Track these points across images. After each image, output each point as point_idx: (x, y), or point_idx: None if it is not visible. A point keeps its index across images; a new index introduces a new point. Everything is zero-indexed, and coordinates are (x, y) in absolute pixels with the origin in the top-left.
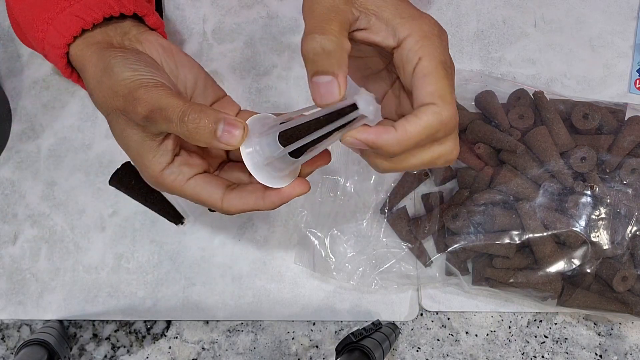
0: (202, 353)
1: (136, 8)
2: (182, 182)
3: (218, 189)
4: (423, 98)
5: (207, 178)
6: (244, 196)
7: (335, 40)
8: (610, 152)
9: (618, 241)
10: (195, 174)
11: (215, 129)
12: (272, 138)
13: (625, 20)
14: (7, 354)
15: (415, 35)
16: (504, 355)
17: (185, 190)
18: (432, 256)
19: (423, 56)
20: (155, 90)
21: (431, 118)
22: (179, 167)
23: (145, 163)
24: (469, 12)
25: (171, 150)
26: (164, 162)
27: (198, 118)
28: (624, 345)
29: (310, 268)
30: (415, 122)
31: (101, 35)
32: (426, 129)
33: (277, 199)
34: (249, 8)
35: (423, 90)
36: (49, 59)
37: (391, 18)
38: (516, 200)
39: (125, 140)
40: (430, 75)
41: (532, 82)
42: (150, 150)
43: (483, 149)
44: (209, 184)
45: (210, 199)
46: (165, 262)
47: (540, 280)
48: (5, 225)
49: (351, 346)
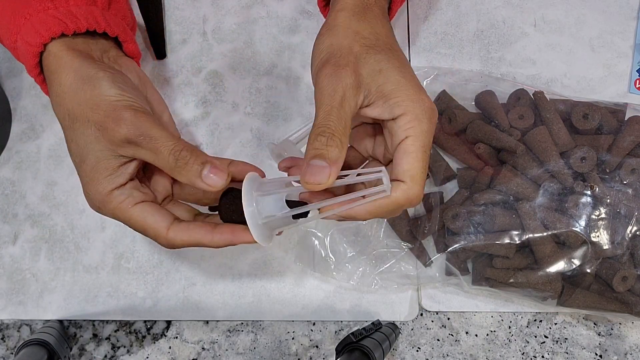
0: (202, 353)
1: (120, 32)
2: (130, 205)
3: (165, 218)
4: (397, 174)
5: (155, 207)
6: (192, 229)
7: (339, 143)
8: (610, 152)
9: (618, 241)
10: (143, 200)
11: (201, 170)
12: (278, 197)
13: (625, 20)
14: (7, 354)
15: (408, 115)
16: (504, 355)
17: (131, 213)
18: (432, 256)
19: (409, 136)
20: (144, 117)
21: (400, 195)
22: (130, 189)
23: (99, 179)
24: (469, 12)
25: (129, 174)
26: (118, 183)
27: (188, 156)
28: (624, 345)
29: (310, 268)
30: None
31: (83, 45)
32: (394, 203)
33: (229, 238)
34: (249, 8)
35: (399, 167)
36: (17, 53)
37: (391, 96)
38: (516, 200)
39: (85, 152)
40: (409, 156)
41: (532, 82)
42: (109, 168)
43: (483, 149)
44: (157, 212)
45: (156, 226)
46: (165, 262)
47: (540, 280)
48: (6, 225)
49: (351, 346)
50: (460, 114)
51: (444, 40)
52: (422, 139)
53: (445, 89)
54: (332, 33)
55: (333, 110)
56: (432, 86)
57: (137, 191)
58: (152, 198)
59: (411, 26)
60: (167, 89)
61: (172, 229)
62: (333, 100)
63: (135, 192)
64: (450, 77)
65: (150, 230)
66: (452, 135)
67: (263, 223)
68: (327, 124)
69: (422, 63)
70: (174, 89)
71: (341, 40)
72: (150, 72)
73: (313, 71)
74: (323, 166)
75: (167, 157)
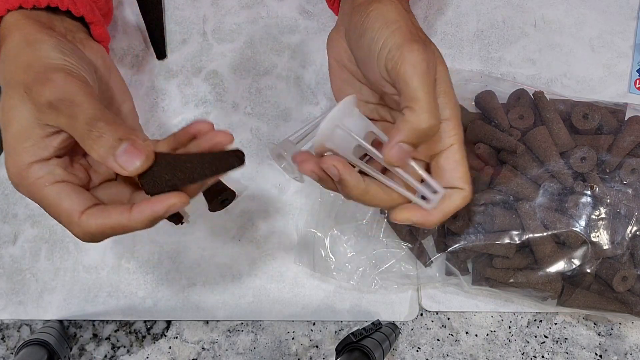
0: (202, 353)
1: (86, 12)
2: (47, 183)
3: (82, 202)
4: (453, 181)
5: (76, 189)
6: (107, 210)
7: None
8: (610, 152)
9: (618, 241)
10: (64, 180)
11: (115, 146)
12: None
13: (625, 20)
14: (7, 354)
15: (454, 120)
16: (504, 355)
17: (45, 193)
18: (432, 256)
19: (455, 143)
20: (75, 81)
21: (460, 202)
22: (53, 166)
23: (18, 149)
24: (469, 12)
25: (54, 148)
26: (40, 156)
27: (104, 128)
28: (624, 345)
29: (310, 268)
30: (449, 204)
31: (45, 18)
32: (455, 209)
33: (148, 210)
34: (249, 8)
35: (453, 174)
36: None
37: (440, 95)
38: (516, 200)
39: (9, 116)
40: (459, 162)
41: (532, 82)
42: (32, 137)
43: (483, 149)
44: (75, 194)
45: (70, 209)
46: (166, 262)
47: (540, 280)
48: (6, 225)
49: (351, 346)
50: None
51: (444, 40)
52: (462, 143)
53: None
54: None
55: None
56: None
57: (61, 169)
58: (79, 181)
59: None
60: (167, 88)
61: (86, 212)
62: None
63: (58, 170)
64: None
65: (63, 214)
66: None
67: (334, 129)
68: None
69: None
70: (174, 89)
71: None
72: (150, 72)
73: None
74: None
75: (82, 125)
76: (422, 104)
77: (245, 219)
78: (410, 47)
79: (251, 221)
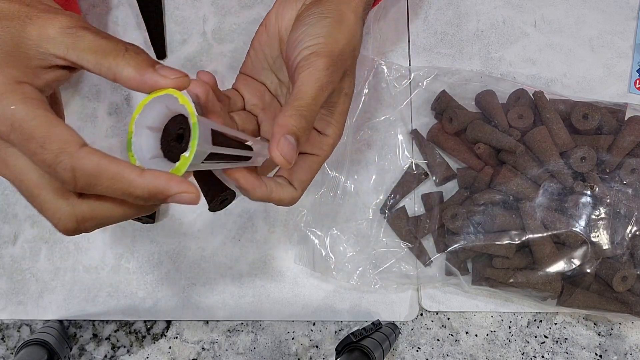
0: (202, 353)
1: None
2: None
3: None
4: (296, 180)
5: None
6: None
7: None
8: (610, 152)
9: (618, 241)
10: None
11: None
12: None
13: (625, 21)
14: (7, 354)
15: (332, 140)
16: (503, 355)
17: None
18: (431, 256)
19: (320, 156)
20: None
21: (286, 199)
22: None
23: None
24: (469, 12)
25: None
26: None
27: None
28: (624, 345)
29: (310, 267)
30: (279, 192)
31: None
32: (279, 199)
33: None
34: (249, 8)
35: (301, 176)
36: None
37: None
38: (516, 200)
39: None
40: (311, 172)
41: (532, 82)
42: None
43: (483, 149)
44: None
45: (67, 136)
46: (166, 262)
47: (540, 280)
48: (6, 225)
49: (351, 346)
50: (461, 113)
51: (444, 40)
52: (324, 162)
53: (445, 89)
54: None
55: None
56: (432, 86)
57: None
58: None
59: (411, 26)
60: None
61: (87, 147)
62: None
63: (48, 105)
64: (450, 77)
65: (55, 140)
66: (452, 135)
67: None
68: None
69: (422, 63)
70: None
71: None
72: None
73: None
74: (294, 146)
75: (114, 43)
76: (305, 104)
77: (245, 219)
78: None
79: (251, 221)
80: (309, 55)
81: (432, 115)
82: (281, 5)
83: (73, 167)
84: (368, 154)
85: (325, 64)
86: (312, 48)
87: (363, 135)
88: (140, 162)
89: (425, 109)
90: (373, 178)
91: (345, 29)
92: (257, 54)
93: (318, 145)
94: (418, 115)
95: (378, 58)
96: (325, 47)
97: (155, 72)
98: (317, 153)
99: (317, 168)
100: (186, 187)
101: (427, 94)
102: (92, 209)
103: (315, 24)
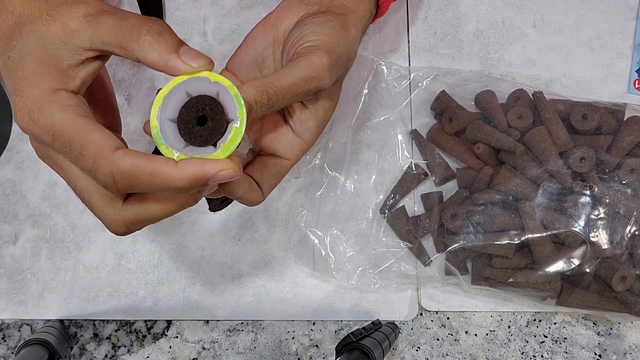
0: (202, 352)
1: None
2: (77, 112)
3: (115, 140)
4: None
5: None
6: (148, 155)
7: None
8: (610, 152)
9: (617, 241)
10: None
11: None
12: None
13: (625, 21)
14: (7, 353)
15: (307, 142)
16: (503, 354)
17: (76, 120)
18: (431, 256)
19: (290, 160)
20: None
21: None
22: (81, 100)
23: (41, 77)
24: (469, 13)
25: (82, 80)
26: (66, 84)
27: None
28: (623, 345)
29: (310, 267)
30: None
31: None
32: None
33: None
34: (249, 8)
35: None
36: None
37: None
38: (515, 200)
39: (27, 48)
40: (277, 178)
41: (532, 83)
42: (58, 63)
43: (482, 149)
44: (106, 131)
45: (102, 141)
46: (166, 262)
47: (539, 280)
48: (6, 225)
49: (351, 346)
50: (460, 114)
51: (443, 40)
52: (289, 169)
53: (445, 89)
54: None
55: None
56: (432, 86)
57: (88, 108)
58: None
59: (411, 26)
60: None
61: (121, 149)
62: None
63: (85, 107)
64: (449, 77)
65: (91, 146)
66: (451, 135)
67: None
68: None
69: (421, 63)
70: None
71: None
72: (150, 72)
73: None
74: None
75: (134, 21)
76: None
77: (245, 219)
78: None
79: (251, 221)
80: (311, 47)
81: (431, 116)
82: (284, 9)
83: (111, 172)
84: (368, 154)
85: (325, 59)
86: (316, 42)
87: (363, 136)
88: (177, 152)
89: (425, 109)
90: (373, 178)
91: (347, 36)
92: (247, 49)
93: (291, 149)
94: (418, 115)
95: (378, 58)
96: (328, 45)
97: (178, 59)
98: (288, 157)
99: (285, 173)
100: (222, 165)
101: (427, 94)
102: (139, 213)
103: (321, 24)
